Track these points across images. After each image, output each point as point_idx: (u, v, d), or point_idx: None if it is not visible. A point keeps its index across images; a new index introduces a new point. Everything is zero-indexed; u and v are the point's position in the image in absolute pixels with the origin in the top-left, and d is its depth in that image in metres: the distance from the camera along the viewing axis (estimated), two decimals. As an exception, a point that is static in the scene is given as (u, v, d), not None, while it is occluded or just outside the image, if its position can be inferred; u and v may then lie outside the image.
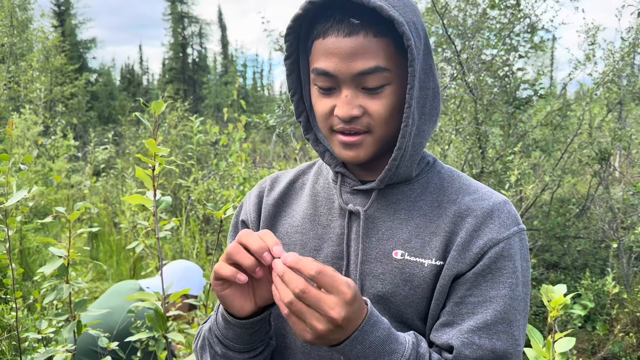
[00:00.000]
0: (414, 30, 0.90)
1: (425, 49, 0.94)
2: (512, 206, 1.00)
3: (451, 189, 1.01)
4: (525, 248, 0.97)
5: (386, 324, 0.85)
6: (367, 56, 0.89)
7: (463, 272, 0.94)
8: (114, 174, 8.03)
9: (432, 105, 0.98)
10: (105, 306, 2.54)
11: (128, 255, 5.42)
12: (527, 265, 0.97)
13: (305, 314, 0.77)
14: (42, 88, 9.02)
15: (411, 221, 0.98)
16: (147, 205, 1.68)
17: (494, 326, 0.91)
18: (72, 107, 16.60)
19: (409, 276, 0.95)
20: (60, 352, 1.80)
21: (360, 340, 0.81)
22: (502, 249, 0.93)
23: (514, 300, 0.92)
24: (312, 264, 0.77)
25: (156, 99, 1.63)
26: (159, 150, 1.60)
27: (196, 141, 6.40)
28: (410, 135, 0.94)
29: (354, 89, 0.92)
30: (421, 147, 0.99)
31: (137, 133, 9.31)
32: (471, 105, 4.22)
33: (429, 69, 0.95)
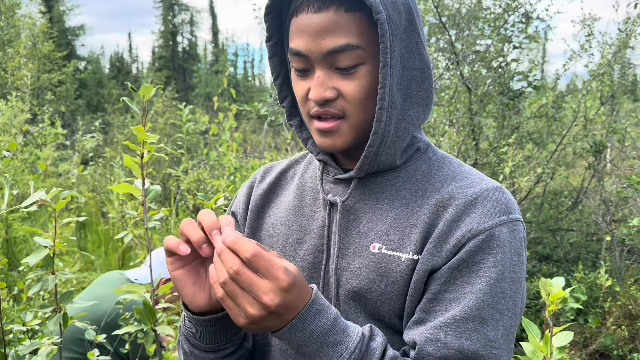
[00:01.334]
0: (389, 3, 0.83)
1: (409, 26, 0.86)
2: (506, 193, 0.89)
3: (438, 176, 0.92)
4: (519, 240, 0.86)
5: (333, 313, 0.79)
6: (337, 33, 0.83)
7: (439, 267, 0.85)
8: (102, 163, 7.94)
9: (421, 88, 0.90)
10: (92, 297, 2.49)
11: (116, 246, 5.35)
12: (520, 260, 0.85)
13: (238, 297, 0.73)
14: (29, 75, 8.86)
15: (392, 212, 0.91)
16: (136, 194, 1.63)
17: (464, 323, 0.81)
18: (60, 95, 16.39)
19: (385, 271, 0.88)
20: (46, 345, 1.75)
21: (300, 328, 0.76)
22: (482, 241, 0.83)
23: (491, 297, 0.82)
24: (249, 245, 0.72)
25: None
26: (148, 137, 1.54)
27: (186, 130, 6.33)
28: (389, 119, 0.86)
29: (327, 70, 0.86)
30: (407, 133, 0.91)
31: (125, 121, 9.19)
32: (465, 96, 4.18)
33: (415, 48, 0.87)
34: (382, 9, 0.81)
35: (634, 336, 3.66)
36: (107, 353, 2.35)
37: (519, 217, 0.87)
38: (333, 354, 0.78)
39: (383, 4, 0.81)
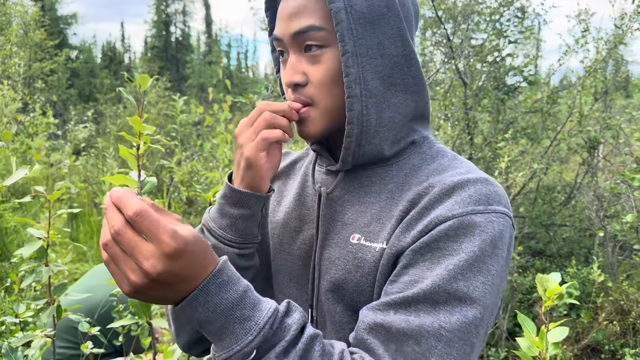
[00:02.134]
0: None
1: (387, 12, 0.85)
2: (492, 186, 0.83)
3: (427, 169, 0.89)
4: (496, 232, 0.78)
5: (243, 286, 0.72)
6: (303, 15, 0.86)
7: (403, 250, 0.82)
8: (95, 153, 7.88)
9: (407, 75, 0.88)
10: (85, 288, 2.48)
11: (109, 237, 5.32)
12: (494, 252, 0.78)
13: (120, 260, 0.65)
14: (21, 63, 8.76)
15: (377, 204, 0.90)
16: (132, 186, 1.60)
17: (415, 304, 0.76)
18: (52, 84, 16.25)
19: (360, 262, 0.87)
20: (39, 337, 1.73)
21: (203, 301, 0.68)
22: (449, 227, 0.78)
23: (449, 283, 0.75)
24: (134, 202, 0.64)
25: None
26: (144, 128, 1.52)
27: (179, 121, 6.29)
28: (365, 107, 0.85)
29: (298, 54, 0.89)
30: (393, 122, 0.88)
31: (117, 112, 9.12)
32: (460, 91, 4.17)
33: (396, 34, 0.86)
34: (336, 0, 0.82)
35: (625, 331, 3.69)
36: (100, 344, 2.34)
37: (501, 210, 0.80)
38: (240, 331, 0.70)
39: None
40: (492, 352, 3.48)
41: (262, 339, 0.70)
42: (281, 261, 1.02)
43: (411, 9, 0.91)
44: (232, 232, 0.93)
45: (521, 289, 3.78)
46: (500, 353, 3.47)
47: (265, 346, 0.71)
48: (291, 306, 0.76)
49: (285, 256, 1.01)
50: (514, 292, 3.77)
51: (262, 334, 0.70)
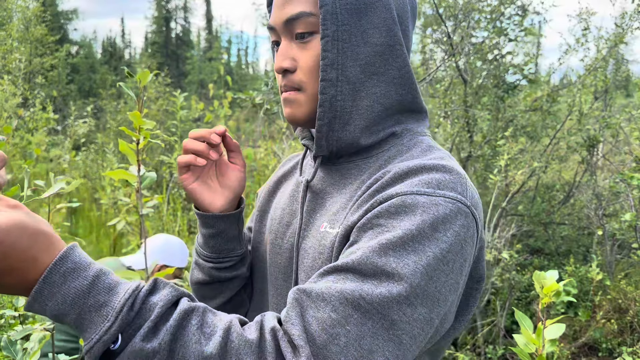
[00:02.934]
0: None
1: (377, 2, 0.85)
2: (451, 174, 0.79)
3: (397, 159, 0.88)
4: (440, 215, 0.74)
5: (94, 271, 0.65)
6: (295, 2, 0.88)
7: (351, 229, 0.81)
8: (94, 149, 7.87)
9: (390, 65, 0.87)
10: None
11: (108, 232, 5.33)
12: (434, 236, 0.73)
13: None
14: (22, 58, 8.76)
15: (347, 194, 0.90)
16: (131, 180, 1.61)
17: (344, 272, 0.73)
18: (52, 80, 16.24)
19: (322, 248, 0.87)
20: (38, 331, 1.74)
21: (48, 295, 0.63)
22: (390, 204, 0.76)
23: (378, 256, 0.72)
24: None
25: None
26: (144, 123, 1.52)
27: (179, 117, 6.29)
28: (340, 93, 0.85)
29: (289, 41, 0.90)
30: (371, 111, 0.87)
31: (117, 107, 9.12)
32: (460, 88, 4.18)
33: (382, 24, 0.86)
34: None
35: (623, 329, 3.70)
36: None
37: (452, 196, 0.76)
38: (97, 319, 0.63)
39: None
40: (489, 350, 3.49)
41: (122, 323, 0.64)
42: (274, 255, 1.03)
43: (407, 2, 0.91)
44: (207, 248, 1.04)
45: (519, 286, 3.78)
46: (498, 350, 3.48)
47: (129, 330, 0.65)
48: (159, 283, 0.70)
49: (277, 250, 1.02)
50: (511, 290, 3.78)
51: (120, 318, 0.63)
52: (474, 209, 0.79)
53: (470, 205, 0.78)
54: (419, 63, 5.12)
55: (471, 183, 0.83)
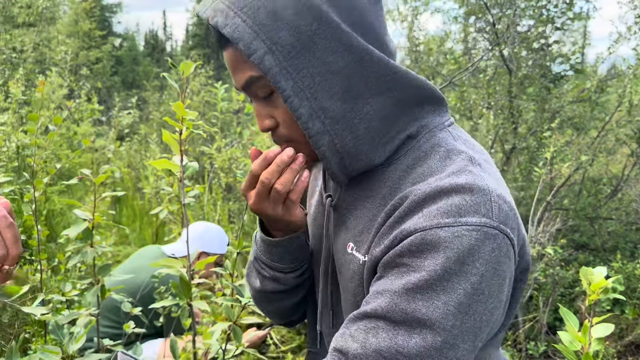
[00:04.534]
0: (271, 28, 0.76)
1: (319, 28, 0.76)
2: (471, 195, 0.74)
3: (415, 172, 0.82)
4: (469, 250, 0.71)
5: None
6: (240, 68, 0.83)
7: (376, 264, 0.80)
8: (138, 139, 8.05)
9: (368, 78, 0.80)
10: (130, 269, 2.55)
11: (151, 220, 5.45)
12: (462, 270, 0.70)
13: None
14: (68, 51, 9.01)
15: (371, 211, 0.86)
16: (174, 170, 1.63)
17: (375, 321, 0.73)
18: (97, 72, 16.66)
19: (352, 273, 0.87)
20: (84, 316, 1.79)
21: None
22: (411, 242, 0.73)
23: (406, 302, 0.71)
24: None
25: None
26: (187, 113, 1.54)
27: (220, 108, 6.35)
28: (335, 136, 0.81)
29: (258, 101, 0.87)
30: (372, 132, 0.82)
31: (160, 99, 9.29)
32: (505, 78, 4.07)
33: (338, 45, 0.77)
34: (257, 46, 0.76)
35: (672, 329, 3.56)
36: (142, 325, 2.40)
37: (474, 222, 0.72)
38: None
39: (261, 36, 0.76)
40: (530, 346, 3.42)
41: None
42: (315, 262, 1.06)
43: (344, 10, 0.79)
44: (286, 261, 1.01)
45: (563, 282, 3.68)
46: (540, 347, 3.40)
47: None
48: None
49: (317, 261, 1.03)
50: (555, 286, 3.68)
51: None
52: (504, 226, 0.74)
53: (499, 224, 0.73)
54: (461, 52, 5.02)
55: (499, 189, 0.77)
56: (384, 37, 0.84)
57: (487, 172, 0.79)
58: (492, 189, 0.75)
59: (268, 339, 3.53)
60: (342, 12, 0.78)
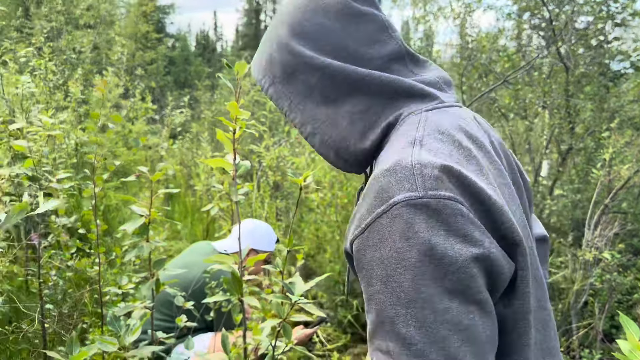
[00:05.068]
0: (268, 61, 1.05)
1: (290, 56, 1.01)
2: (393, 175, 0.80)
3: (378, 161, 0.93)
4: (402, 225, 0.77)
5: None
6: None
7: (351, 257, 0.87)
8: (189, 137, 8.23)
9: (339, 84, 0.98)
10: (182, 264, 2.62)
11: (201, 217, 5.57)
12: (408, 244, 0.76)
13: None
14: (124, 51, 9.32)
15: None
16: (227, 168, 1.66)
17: (382, 326, 0.78)
18: (151, 72, 17.16)
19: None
20: (139, 308, 1.85)
21: None
22: (365, 239, 0.81)
23: (389, 295, 0.76)
24: None
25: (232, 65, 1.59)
26: (241, 113, 1.57)
27: (269, 108, 6.42)
28: (325, 135, 1.00)
29: None
30: (355, 124, 0.98)
31: (212, 98, 9.48)
32: (561, 76, 3.94)
33: (307, 67, 1.00)
34: (264, 81, 1.06)
35: None
36: (193, 318, 2.45)
37: (399, 199, 0.77)
38: None
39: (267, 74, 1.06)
40: (585, 354, 3.30)
41: None
42: None
43: (317, 23, 1.01)
44: None
45: (620, 289, 3.53)
46: (595, 355, 3.28)
47: None
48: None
49: None
50: (612, 292, 3.54)
51: None
52: (434, 191, 0.78)
53: (427, 192, 0.78)
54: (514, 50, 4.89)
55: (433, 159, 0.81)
56: (356, 49, 1.00)
57: (427, 148, 0.84)
58: (415, 162, 0.81)
59: (314, 337, 3.55)
60: (307, 41, 1.01)
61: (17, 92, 4.29)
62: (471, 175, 0.81)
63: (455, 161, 0.83)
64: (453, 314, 0.74)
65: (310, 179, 1.68)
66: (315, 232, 4.13)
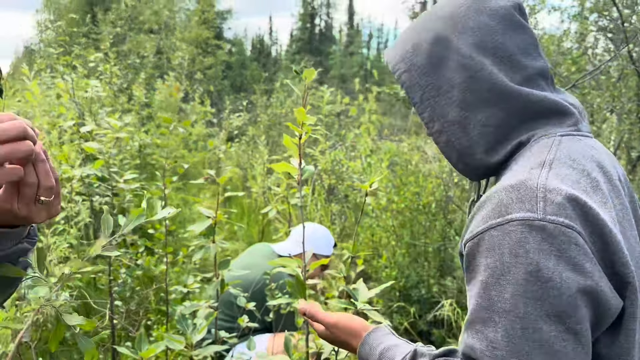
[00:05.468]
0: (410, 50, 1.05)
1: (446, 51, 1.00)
2: (515, 192, 0.85)
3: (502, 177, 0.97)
4: (514, 241, 0.81)
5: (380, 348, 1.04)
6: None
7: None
8: (246, 140, 8.38)
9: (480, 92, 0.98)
10: (242, 265, 2.67)
11: (257, 219, 5.66)
12: (517, 261, 0.80)
13: None
14: (185, 56, 9.62)
15: None
16: (293, 173, 1.68)
17: (473, 325, 0.85)
18: (210, 76, 17.61)
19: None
20: (203, 308, 1.89)
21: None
22: (475, 244, 0.87)
23: (486, 300, 0.83)
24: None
25: (286, 70, 1.61)
26: (307, 118, 1.58)
27: (325, 112, 6.47)
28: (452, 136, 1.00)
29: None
30: (485, 135, 0.98)
31: (268, 102, 9.63)
32: (632, 80, 3.77)
33: (457, 65, 0.99)
34: (399, 67, 1.05)
35: None
36: (254, 319, 2.50)
37: (520, 217, 0.82)
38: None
39: (405, 60, 1.05)
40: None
41: None
42: None
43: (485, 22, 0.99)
44: None
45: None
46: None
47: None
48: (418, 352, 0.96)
49: None
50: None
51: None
52: (555, 217, 0.80)
53: (546, 216, 0.81)
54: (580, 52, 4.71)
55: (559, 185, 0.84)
56: (514, 53, 0.99)
57: (555, 172, 0.86)
58: (541, 185, 0.84)
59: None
60: (469, 37, 0.99)
61: (86, 96, 4.50)
62: (595, 206, 0.83)
63: (582, 190, 0.85)
64: (544, 336, 0.78)
65: (375, 185, 1.68)
66: (370, 237, 4.11)
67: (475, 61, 0.98)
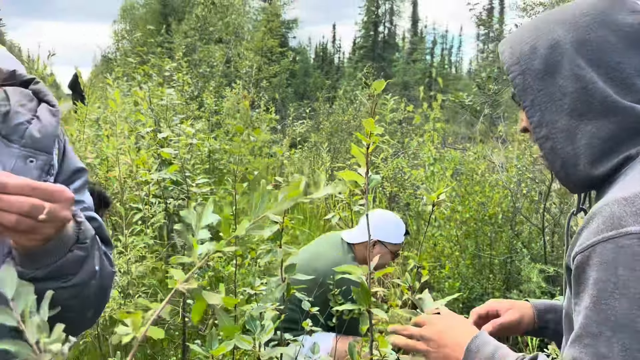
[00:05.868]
0: (527, 53, 1.04)
1: (562, 59, 0.99)
2: (629, 205, 0.84)
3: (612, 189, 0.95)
4: (629, 255, 0.81)
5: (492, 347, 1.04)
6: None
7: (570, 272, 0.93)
8: (308, 147, 8.51)
9: (592, 103, 0.97)
10: (311, 253, 2.70)
11: (319, 224, 5.73)
12: (635, 275, 0.80)
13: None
14: (253, 65, 9.89)
15: None
16: (359, 181, 1.72)
17: (582, 339, 0.84)
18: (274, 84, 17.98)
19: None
20: (270, 310, 1.96)
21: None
22: (586, 258, 0.85)
23: (596, 314, 0.82)
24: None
25: (349, 77, 1.65)
26: (376, 129, 1.62)
27: (387, 119, 6.47)
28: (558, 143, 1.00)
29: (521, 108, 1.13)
30: (592, 147, 0.97)
31: (330, 109, 9.75)
32: None
33: (571, 75, 0.98)
34: (514, 69, 1.04)
35: None
36: (317, 322, 2.53)
37: (633, 230, 0.81)
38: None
39: (520, 62, 1.04)
40: None
41: None
42: None
43: (602, 37, 0.98)
44: None
45: None
46: None
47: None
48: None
49: None
50: None
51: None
52: None
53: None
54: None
55: None
56: (628, 76, 0.98)
57: None
58: None
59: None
60: (585, 51, 0.99)
61: (161, 104, 4.73)
62: None
63: None
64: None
65: (443, 197, 1.69)
66: (432, 246, 4.08)
67: (589, 75, 0.98)
